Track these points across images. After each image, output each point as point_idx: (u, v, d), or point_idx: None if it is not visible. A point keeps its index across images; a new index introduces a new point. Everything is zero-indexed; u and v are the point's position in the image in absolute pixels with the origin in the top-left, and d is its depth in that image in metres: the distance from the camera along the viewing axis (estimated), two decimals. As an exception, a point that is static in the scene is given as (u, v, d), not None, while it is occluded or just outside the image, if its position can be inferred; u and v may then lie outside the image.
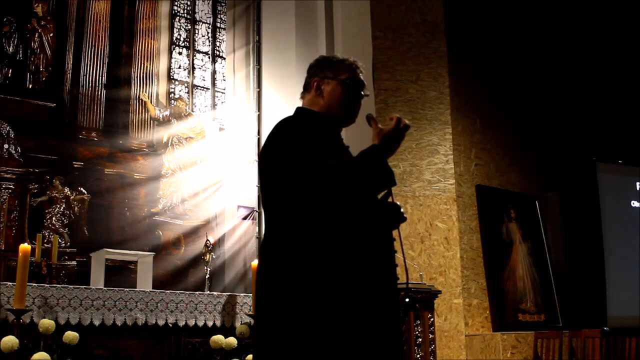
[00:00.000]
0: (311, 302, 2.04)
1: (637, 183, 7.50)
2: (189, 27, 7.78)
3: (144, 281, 5.29)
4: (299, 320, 2.05)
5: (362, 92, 2.43)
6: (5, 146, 6.16)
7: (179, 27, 7.70)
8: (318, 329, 2.03)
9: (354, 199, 2.15)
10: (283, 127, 2.27)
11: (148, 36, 7.31)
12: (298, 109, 2.44)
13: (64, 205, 6.33)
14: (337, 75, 2.39)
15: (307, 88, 2.45)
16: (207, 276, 5.50)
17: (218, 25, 8.05)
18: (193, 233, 7.10)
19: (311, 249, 2.08)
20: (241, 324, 4.99)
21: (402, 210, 2.34)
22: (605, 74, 7.72)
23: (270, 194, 2.26)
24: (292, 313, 2.06)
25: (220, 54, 7.96)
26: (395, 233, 2.31)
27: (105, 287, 4.72)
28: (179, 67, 7.58)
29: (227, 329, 4.94)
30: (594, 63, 7.76)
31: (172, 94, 7.42)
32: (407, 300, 4.70)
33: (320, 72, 2.42)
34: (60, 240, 6.05)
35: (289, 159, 2.14)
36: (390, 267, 2.23)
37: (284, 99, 7.34)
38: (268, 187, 2.28)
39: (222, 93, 7.81)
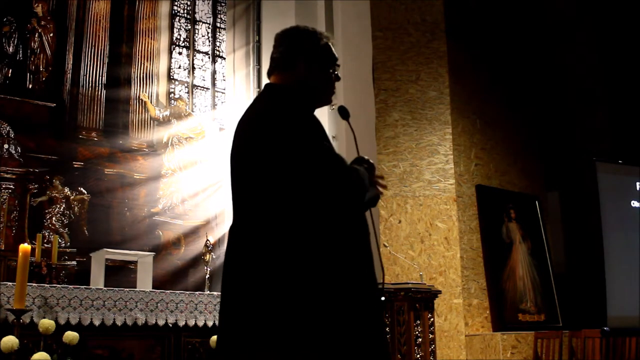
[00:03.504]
0: (308, 298, 1.93)
1: (637, 183, 7.49)
2: (189, 27, 7.78)
3: (144, 281, 5.28)
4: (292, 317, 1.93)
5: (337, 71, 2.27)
6: (5, 146, 6.16)
7: (179, 27, 7.70)
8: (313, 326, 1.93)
9: (357, 205, 2.08)
10: (282, 113, 2.09)
11: (148, 36, 7.31)
12: (282, 87, 2.24)
13: (64, 205, 6.33)
14: (322, 55, 2.26)
15: (286, 66, 2.25)
16: (207, 276, 5.49)
17: (218, 25, 8.05)
18: (193, 233, 7.10)
19: (310, 245, 1.97)
20: (241, 324, 4.98)
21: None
22: (605, 74, 7.72)
23: (269, 180, 2.06)
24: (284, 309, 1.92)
25: (220, 54, 7.95)
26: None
27: (105, 287, 4.71)
28: (179, 67, 7.58)
29: (227, 329, 4.93)
30: (594, 63, 7.75)
31: (172, 94, 7.42)
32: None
33: (305, 50, 2.25)
34: (60, 240, 6.05)
35: (298, 147, 2.00)
36: (370, 266, 2.13)
37: (284, 99, 7.34)
38: (264, 174, 2.06)
39: (222, 93, 7.81)
